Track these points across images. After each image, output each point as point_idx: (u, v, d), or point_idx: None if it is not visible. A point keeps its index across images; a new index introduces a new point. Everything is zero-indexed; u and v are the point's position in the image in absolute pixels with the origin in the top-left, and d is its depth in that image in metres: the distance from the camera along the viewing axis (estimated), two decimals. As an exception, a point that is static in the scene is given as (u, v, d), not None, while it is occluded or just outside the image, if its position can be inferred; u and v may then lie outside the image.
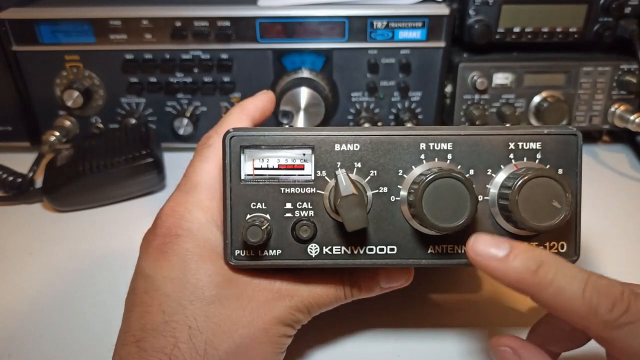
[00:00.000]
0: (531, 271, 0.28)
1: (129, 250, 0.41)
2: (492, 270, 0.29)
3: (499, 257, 0.28)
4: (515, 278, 0.28)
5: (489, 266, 0.29)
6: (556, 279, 0.27)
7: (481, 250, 0.29)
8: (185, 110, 0.70)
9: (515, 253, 0.28)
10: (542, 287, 0.27)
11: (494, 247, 0.29)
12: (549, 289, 0.27)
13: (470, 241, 0.29)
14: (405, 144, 0.34)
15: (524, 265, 0.28)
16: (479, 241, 0.29)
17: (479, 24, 0.66)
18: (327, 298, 0.37)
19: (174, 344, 0.32)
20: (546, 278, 0.27)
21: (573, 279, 0.27)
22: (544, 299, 0.28)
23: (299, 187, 0.34)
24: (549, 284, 0.27)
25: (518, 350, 0.33)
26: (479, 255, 0.29)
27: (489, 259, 0.29)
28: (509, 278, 0.28)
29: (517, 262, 0.28)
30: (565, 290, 0.27)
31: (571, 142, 0.34)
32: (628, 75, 0.68)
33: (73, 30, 0.66)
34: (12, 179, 0.63)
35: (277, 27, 0.66)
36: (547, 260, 0.28)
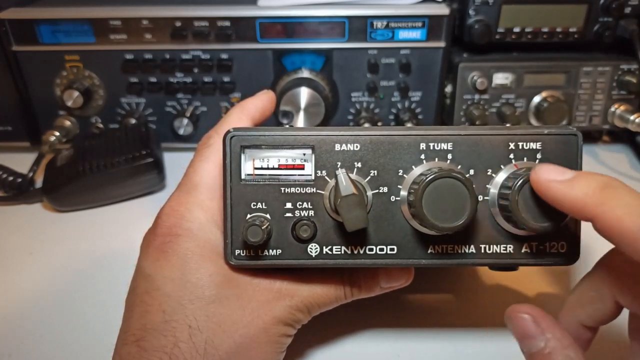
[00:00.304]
0: (597, 189, 0.26)
1: (129, 250, 0.41)
2: (555, 191, 0.28)
3: (563, 179, 0.28)
4: (578, 197, 0.27)
5: (551, 187, 0.28)
6: (624, 200, 0.26)
7: (545, 173, 0.29)
8: (185, 110, 0.70)
9: (580, 176, 0.28)
10: (609, 207, 0.26)
11: (559, 172, 0.28)
12: (616, 210, 0.26)
13: (535, 167, 0.29)
14: (406, 144, 0.34)
15: (589, 184, 0.27)
16: (543, 167, 0.29)
17: (479, 24, 0.66)
18: (327, 298, 0.37)
19: (174, 344, 0.32)
20: (614, 197, 0.26)
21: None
22: (609, 219, 0.26)
23: (299, 187, 0.34)
24: (616, 204, 0.26)
25: (538, 318, 0.30)
26: (542, 177, 0.28)
27: (551, 181, 0.28)
28: (571, 198, 0.27)
29: (582, 182, 0.27)
30: (633, 213, 0.25)
31: (571, 142, 0.34)
32: (628, 75, 0.68)
33: (73, 30, 0.66)
34: (12, 179, 0.63)
35: (277, 27, 0.66)
36: (613, 182, 0.27)
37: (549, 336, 0.29)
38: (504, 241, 0.34)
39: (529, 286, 0.48)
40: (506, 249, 0.35)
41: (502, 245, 0.34)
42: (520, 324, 0.31)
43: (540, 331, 0.29)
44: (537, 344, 0.29)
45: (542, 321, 0.30)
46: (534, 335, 0.29)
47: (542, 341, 0.29)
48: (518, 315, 0.31)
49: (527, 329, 0.30)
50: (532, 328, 0.30)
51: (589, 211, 0.27)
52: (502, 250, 0.34)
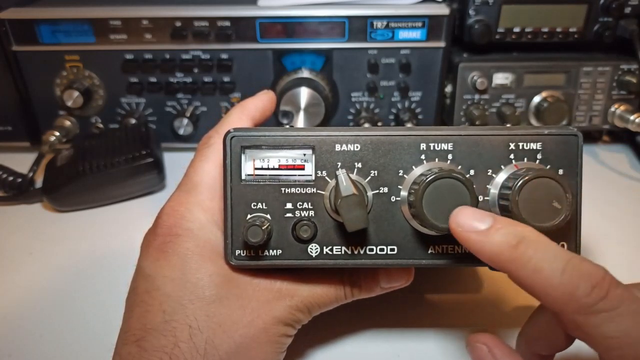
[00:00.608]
0: (511, 246, 0.27)
1: (129, 250, 0.41)
2: (472, 243, 0.28)
3: (480, 230, 0.28)
4: (494, 252, 0.27)
5: (470, 239, 0.28)
6: (536, 256, 0.26)
7: (463, 222, 0.28)
8: (185, 110, 0.70)
9: (497, 227, 0.28)
10: (520, 264, 0.27)
11: (477, 220, 0.28)
12: (528, 265, 0.26)
13: (454, 212, 0.29)
14: (406, 144, 0.34)
15: (505, 240, 0.27)
16: (462, 212, 0.29)
17: (479, 24, 0.66)
18: (328, 298, 0.37)
19: (175, 344, 0.32)
20: (525, 254, 0.27)
21: (554, 257, 0.26)
22: (522, 276, 0.27)
23: (300, 187, 0.34)
24: (527, 260, 0.26)
25: (493, 348, 0.33)
26: (461, 226, 0.28)
27: (470, 232, 0.28)
28: (488, 252, 0.28)
29: (497, 236, 0.27)
30: (544, 269, 0.26)
31: (572, 142, 0.34)
32: (628, 75, 0.68)
33: (73, 30, 0.66)
34: (12, 179, 0.63)
35: (277, 27, 0.66)
36: (529, 236, 0.27)
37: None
38: None
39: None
40: None
41: None
42: (476, 353, 0.33)
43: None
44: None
45: (496, 351, 0.32)
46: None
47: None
48: (475, 344, 0.34)
49: (482, 358, 0.32)
50: (487, 357, 0.32)
51: (503, 267, 0.27)
52: None
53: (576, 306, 0.26)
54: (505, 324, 0.45)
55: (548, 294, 0.26)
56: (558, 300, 0.26)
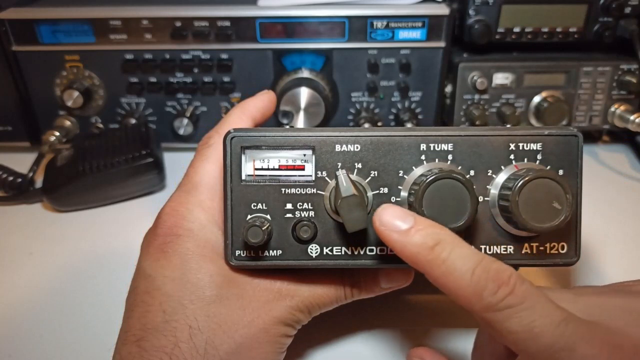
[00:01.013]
0: (428, 247, 0.28)
1: (129, 250, 0.41)
2: (393, 242, 0.29)
3: (402, 230, 0.29)
4: (412, 252, 0.28)
5: (391, 238, 0.29)
6: (449, 258, 0.27)
7: (387, 220, 0.29)
8: (185, 110, 0.70)
9: (417, 228, 0.28)
10: (434, 265, 0.28)
11: (399, 219, 0.29)
12: (441, 267, 0.27)
13: (378, 210, 0.29)
14: (406, 145, 0.34)
15: (422, 241, 0.28)
16: (386, 211, 0.29)
17: (479, 24, 0.66)
18: (328, 298, 0.37)
19: (175, 344, 0.32)
20: (440, 256, 0.28)
21: (466, 260, 0.27)
22: (435, 276, 0.28)
23: (300, 188, 0.34)
24: (441, 262, 0.27)
25: None
26: (384, 225, 0.29)
27: (391, 231, 0.29)
28: (407, 252, 0.28)
29: (417, 237, 0.28)
30: (456, 270, 0.27)
31: (572, 143, 0.34)
32: (628, 75, 0.68)
33: (73, 30, 0.66)
34: (12, 179, 0.63)
35: (277, 27, 0.66)
36: (445, 239, 0.28)
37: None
38: (504, 242, 0.35)
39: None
40: (506, 249, 0.35)
41: (502, 246, 0.35)
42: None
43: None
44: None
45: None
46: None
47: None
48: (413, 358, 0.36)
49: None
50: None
51: (420, 267, 0.28)
52: (503, 251, 0.35)
53: (484, 305, 0.27)
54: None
55: (459, 294, 0.28)
56: (468, 299, 0.27)
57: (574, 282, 0.49)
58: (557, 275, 0.50)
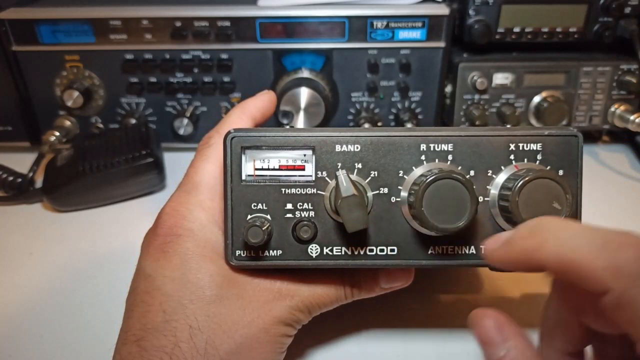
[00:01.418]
0: (534, 237, 0.26)
1: (129, 250, 0.41)
2: (503, 258, 0.27)
3: (504, 240, 0.27)
4: (521, 251, 0.26)
5: (501, 256, 0.28)
6: (563, 238, 0.25)
7: (489, 244, 0.28)
8: (185, 110, 0.70)
9: (516, 231, 0.27)
10: (550, 251, 0.25)
11: (498, 237, 0.28)
12: (559, 249, 0.25)
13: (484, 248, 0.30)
14: (406, 145, 0.34)
15: (525, 234, 0.26)
16: (487, 242, 0.29)
17: (479, 24, 0.66)
18: (328, 298, 0.37)
19: (175, 344, 0.32)
20: (552, 239, 0.25)
21: (580, 233, 0.25)
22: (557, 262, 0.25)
23: (300, 188, 0.34)
24: (557, 244, 0.25)
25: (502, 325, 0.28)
26: (489, 250, 0.28)
27: (498, 249, 0.28)
28: (517, 255, 0.27)
29: (518, 235, 0.27)
30: (576, 247, 0.24)
31: (572, 143, 0.34)
32: (628, 75, 0.68)
33: (73, 30, 0.66)
34: (12, 179, 0.63)
35: (277, 27, 0.66)
36: (547, 221, 0.26)
37: (511, 345, 0.27)
38: None
39: (529, 286, 0.49)
40: None
41: None
42: (482, 329, 0.29)
43: (502, 339, 0.28)
44: (498, 352, 0.27)
45: (505, 329, 0.28)
46: (495, 342, 0.28)
47: (503, 350, 0.27)
48: (481, 320, 0.29)
49: (489, 336, 0.28)
50: (495, 335, 0.28)
51: (535, 263, 0.26)
52: None
53: (626, 278, 0.23)
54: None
55: (588, 273, 0.24)
56: (602, 276, 0.23)
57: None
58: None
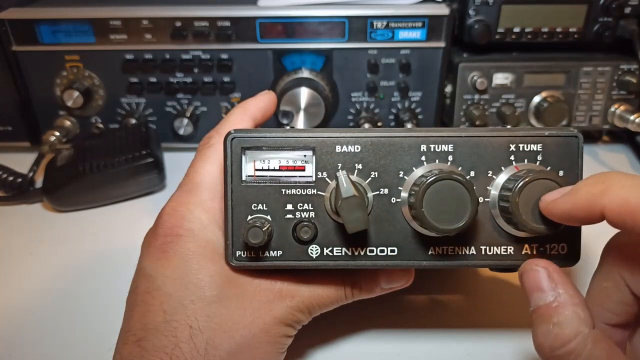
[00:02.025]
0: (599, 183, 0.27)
1: (129, 250, 0.41)
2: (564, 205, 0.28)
3: (569, 189, 0.29)
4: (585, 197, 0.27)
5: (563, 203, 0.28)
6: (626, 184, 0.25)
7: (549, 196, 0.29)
8: (185, 110, 0.70)
9: (581, 181, 0.28)
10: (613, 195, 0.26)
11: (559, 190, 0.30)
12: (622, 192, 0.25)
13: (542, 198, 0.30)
14: (406, 146, 0.34)
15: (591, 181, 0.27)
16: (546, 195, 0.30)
17: (479, 24, 0.66)
18: (328, 298, 0.37)
19: (175, 344, 0.32)
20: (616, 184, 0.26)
21: None
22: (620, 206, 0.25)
23: (300, 189, 0.34)
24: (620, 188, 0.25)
25: (553, 273, 0.29)
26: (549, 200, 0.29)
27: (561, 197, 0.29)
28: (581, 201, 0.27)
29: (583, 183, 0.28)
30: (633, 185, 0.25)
31: (572, 143, 0.34)
32: (628, 75, 0.68)
33: (73, 30, 0.66)
34: (12, 179, 0.63)
35: (277, 27, 0.66)
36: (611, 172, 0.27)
37: (561, 291, 0.28)
38: (504, 242, 0.35)
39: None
40: (507, 250, 0.35)
41: (502, 247, 0.35)
42: (533, 276, 0.30)
43: (552, 286, 0.29)
44: (546, 297, 0.29)
45: (556, 276, 0.29)
46: (544, 288, 0.29)
47: (552, 295, 0.28)
48: (533, 267, 0.30)
49: (539, 282, 0.29)
50: (545, 281, 0.29)
51: (597, 207, 0.27)
52: (503, 251, 0.35)
53: None
54: (505, 324, 0.45)
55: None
56: None
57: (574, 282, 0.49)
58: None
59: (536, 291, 0.29)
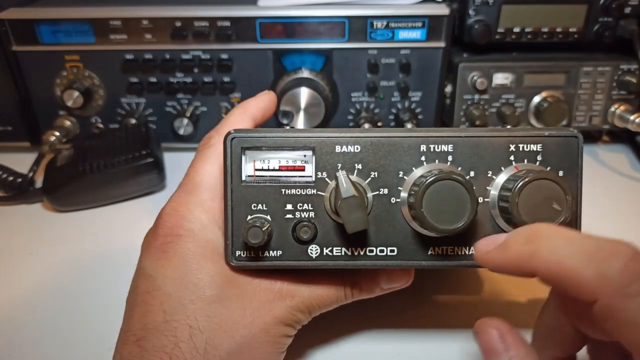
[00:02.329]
0: (529, 244, 0.26)
1: (129, 250, 0.41)
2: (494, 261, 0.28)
3: (498, 244, 0.28)
4: (515, 256, 0.27)
5: (494, 259, 0.28)
6: (556, 246, 0.25)
7: (483, 246, 0.29)
8: (185, 110, 0.70)
9: (512, 235, 0.28)
10: (542, 259, 0.25)
11: (493, 239, 0.29)
12: (551, 257, 0.25)
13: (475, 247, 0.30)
14: (406, 146, 0.34)
15: (521, 240, 0.27)
16: (480, 242, 0.30)
17: (479, 24, 0.66)
18: (328, 298, 0.37)
19: (175, 344, 0.32)
20: (545, 247, 0.26)
21: (574, 242, 0.25)
22: (548, 270, 0.25)
23: (300, 189, 0.34)
24: (549, 252, 0.25)
25: (505, 334, 0.29)
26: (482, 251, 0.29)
27: (492, 251, 0.28)
28: (510, 260, 0.27)
29: (514, 240, 0.27)
30: (568, 256, 0.25)
31: (572, 144, 0.34)
32: (628, 75, 0.68)
33: (73, 30, 0.66)
34: (12, 179, 0.63)
35: (277, 27, 0.66)
36: (543, 228, 0.27)
37: (513, 353, 0.28)
38: None
39: (529, 287, 0.49)
40: None
41: None
42: (486, 338, 0.30)
43: (505, 347, 0.28)
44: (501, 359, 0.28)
45: (508, 337, 0.29)
46: (498, 350, 0.29)
47: (505, 357, 0.28)
48: (485, 329, 0.30)
49: (492, 344, 0.29)
50: (497, 343, 0.29)
51: (527, 269, 0.26)
52: None
53: (611, 288, 0.23)
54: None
55: (579, 281, 0.24)
56: (590, 285, 0.24)
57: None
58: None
59: (490, 353, 0.29)
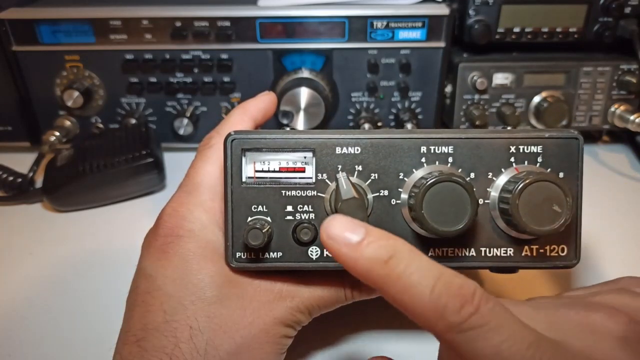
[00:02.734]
0: (382, 261, 0.25)
1: (129, 250, 0.41)
2: (344, 257, 0.26)
3: (352, 243, 0.26)
4: (364, 267, 0.26)
5: (341, 252, 0.26)
6: (406, 273, 0.25)
7: (335, 233, 0.26)
8: (185, 110, 0.70)
9: (369, 240, 0.26)
10: (390, 280, 0.25)
11: (348, 230, 0.26)
12: (397, 283, 0.25)
13: (325, 223, 0.27)
14: (406, 147, 0.34)
15: (375, 254, 0.25)
16: (334, 222, 0.27)
17: (479, 24, 0.66)
18: (328, 299, 0.37)
19: (175, 344, 0.32)
20: (395, 270, 0.25)
21: (425, 274, 0.25)
22: (392, 293, 0.25)
23: (300, 190, 0.34)
24: (397, 277, 0.25)
25: None
26: (332, 238, 0.26)
27: (341, 244, 0.26)
28: (359, 267, 0.26)
29: (369, 250, 0.26)
30: (414, 286, 0.25)
31: (572, 145, 0.34)
32: (628, 75, 0.68)
33: (73, 30, 0.66)
34: (12, 179, 0.63)
35: (277, 27, 0.66)
36: (401, 250, 0.26)
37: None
38: (504, 244, 0.35)
39: (530, 287, 0.49)
40: (506, 252, 0.35)
41: (502, 249, 0.35)
42: None
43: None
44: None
45: None
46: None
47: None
48: None
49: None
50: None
51: (374, 283, 0.26)
52: (503, 253, 0.35)
53: (446, 325, 0.24)
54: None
55: (418, 313, 0.25)
56: (428, 319, 0.25)
57: (574, 283, 0.49)
58: (557, 276, 0.50)
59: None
